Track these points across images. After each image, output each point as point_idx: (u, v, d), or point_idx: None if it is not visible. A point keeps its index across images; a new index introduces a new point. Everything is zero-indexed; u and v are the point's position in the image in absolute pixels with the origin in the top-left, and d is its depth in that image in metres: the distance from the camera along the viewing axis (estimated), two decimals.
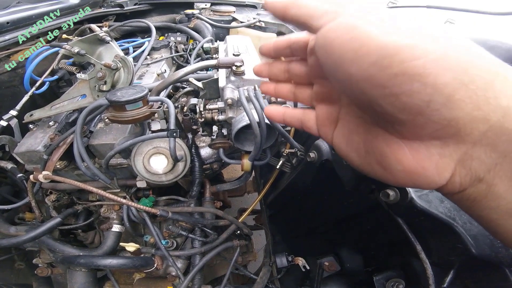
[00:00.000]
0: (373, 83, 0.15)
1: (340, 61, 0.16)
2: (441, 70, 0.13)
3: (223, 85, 0.52)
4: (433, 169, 0.15)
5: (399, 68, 0.14)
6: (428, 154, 0.15)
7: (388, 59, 0.14)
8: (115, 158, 0.59)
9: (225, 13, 1.13)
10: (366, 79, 0.15)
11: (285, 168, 0.62)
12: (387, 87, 0.14)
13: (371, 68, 0.14)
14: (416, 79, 0.13)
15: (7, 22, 0.74)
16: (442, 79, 0.13)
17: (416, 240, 0.37)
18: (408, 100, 0.14)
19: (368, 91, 0.15)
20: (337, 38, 0.16)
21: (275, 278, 0.75)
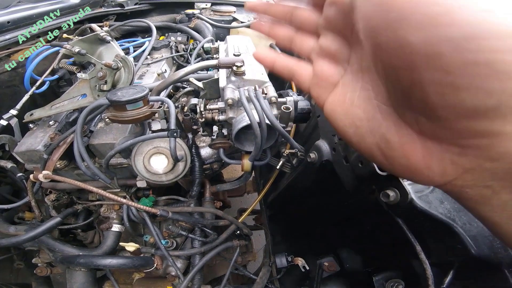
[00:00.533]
0: (436, 63, 0.11)
1: (398, 23, 0.12)
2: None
3: (223, 85, 0.52)
4: (438, 171, 0.14)
5: (485, 56, 0.10)
6: (440, 157, 0.13)
7: (476, 42, 0.10)
8: (115, 158, 0.59)
9: (226, 13, 1.13)
10: (428, 56, 0.11)
11: (285, 168, 0.62)
12: (453, 75, 0.11)
13: (445, 45, 0.11)
14: (498, 77, 0.10)
15: (8, 22, 0.74)
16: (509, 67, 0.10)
17: (416, 241, 0.37)
18: (468, 99, 0.11)
19: (421, 70, 0.12)
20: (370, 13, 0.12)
21: (274, 278, 0.75)
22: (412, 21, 0.11)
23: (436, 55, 0.11)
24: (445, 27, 0.11)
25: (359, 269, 0.62)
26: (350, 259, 0.64)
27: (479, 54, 0.11)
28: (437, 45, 0.11)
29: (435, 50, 0.11)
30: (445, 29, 0.11)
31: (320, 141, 0.51)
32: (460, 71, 0.11)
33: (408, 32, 0.12)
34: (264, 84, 0.53)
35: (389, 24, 0.12)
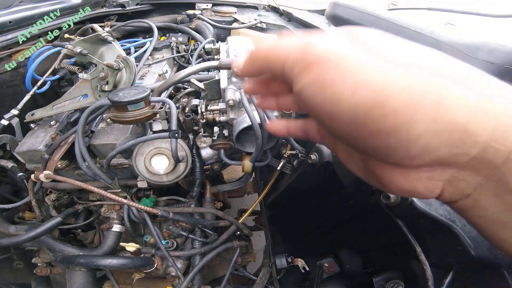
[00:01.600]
0: (352, 137, 0.16)
1: (319, 116, 0.16)
2: (412, 124, 0.13)
3: (224, 86, 0.53)
4: (423, 189, 0.16)
5: (372, 127, 0.14)
6: (418, 177, 0.16)
7: (360, 120, 0.14)
8: (116, 158, 0.59)
9: (227, 14, 1.14)
10: (345, 135, 0.16)
11: (286, 169, 0.63)
12: (366, 141, 0.15)
13: (347, 127, 0.15)
14: (390, 135, 0.14)
15: (10, 22, 0.74)
16: (414, 133, 0.13)
17: (416, 242, 0.38)
18: (389, 151, 0.15)
19: (351, 143, 0.16)
20: (312, 99, 0.16)
21: (274, 279, 0.75)
22: (324, 116, 0.16)
23: (349, 133, 0.16)
24: (340, 117, 0.15)
25: (359, 270, 0.62)
26: (350, 260, 0.64)
27: (367, 127, 0.14)
28: (345, 128, 0.16)
29: (346, 130, 0.16)
30: (341, 119, 0.15)
31: None
32: (368, 139, 0.15)
33: (327, 121, 0.16)
34: None
35: (314, 115, 0.17)
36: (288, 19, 1.15)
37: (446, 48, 0.60)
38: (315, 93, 0.16)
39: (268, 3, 1.27)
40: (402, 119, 0.13)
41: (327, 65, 0.15)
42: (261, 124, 0.47)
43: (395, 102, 0.13)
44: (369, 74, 0.14)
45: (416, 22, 0.69)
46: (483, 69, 0.14)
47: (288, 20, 1.14)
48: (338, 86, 0.15)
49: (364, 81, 0.14)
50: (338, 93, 0.15)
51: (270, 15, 1.19)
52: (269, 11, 1.27)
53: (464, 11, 0.77)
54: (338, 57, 0.15)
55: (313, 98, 0.16)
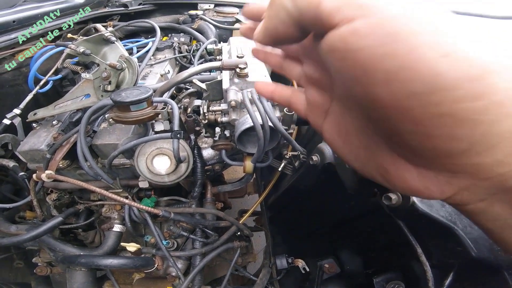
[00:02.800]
0: (406, 116, 0.12)
1: (365, 79, 0.12)
2: (502, 117, 0.11)
3: (226, 87, 0.53)
4: (437, 191, 0.14)
5: (449, 108, 0.11)
6: (436, 180, 0.14)
7: (438, 95, 0.11)
8: (118, 158, 0.59)
9: (229, 15, 1.14)
10: (398, 109, 0.12)
11: (287, 170, 0.63)
12: (424, 126, 0.12)
13: (411, 99, 0.11)
14: (465, 125, 0.11)
15: (13, 21, 0.75)
16: (497, 128, 0.11)
17: (417, 243, 0.38)
18: (443, 145, 0.12)
19: (395, 123, 0.12)
20: (364, 49, 0.11)
21: (274, 280, 0.75)
22: (377, 77, 0.12)
23: (405, 109, 0.12)
24: (407, 82, 0.11)
25: (360, 271, 0.63)
26: (351, 261, 0.64)
27: (442, 106, 0.11)
28: (404, 100, 0.11)
29: (403, 104, 0.12)
30: (408, 85, 0.11)
31: (322, 143, 0.51)
32: (429, 122, 0.11)
33: (376, 88, 0.12)
34: None
35: (357, 80, 0.13)
36: None
37: None
38: (377, 42, 0.11)
39: None
40: (496, 108, 0.10)
41: (403, 10, 0.11)
42: (263, 125, 0.47)
43: (500, 83, 0.10)
44: (468, 44, 0.11)
45: None
46: None
47: None
48: (421, 42, 0.11)
49: (461, 47, 0.10)
50: (420, 50, 0.10)
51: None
52: None
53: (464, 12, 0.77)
54: (423, 8, 0.11)
55: (368, 49, 0.11)
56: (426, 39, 0.11)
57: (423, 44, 0.11)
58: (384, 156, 0.15)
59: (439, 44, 0.11)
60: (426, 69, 0.11)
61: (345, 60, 0.13)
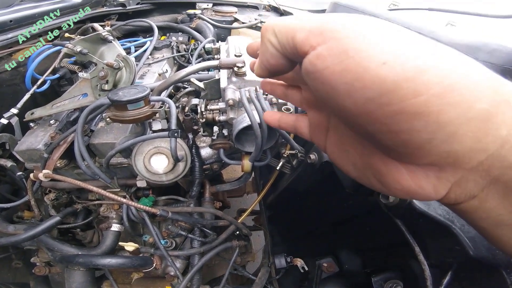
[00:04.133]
0: (370, 119, 0.14)
1: (333, 93, 0.14)
2: (445, 107, 0.12)
3: (224, 85, 0.53)
4: (430, 189, 0.15)
5: (398, 106, 0.13)
6: (426, 176, 0.15)
7: (386, 96, 0.13)
8: (115, 157, 0.59)
9: (227, 14, 1.14)
10: (362, 114, 0.14)
11: (285, 169, 0.63)
12: (386, 124, 0.13)
13: (368, 104, 0.13)
14: (417, 117, 0.12)
15: (10, 21, 0.74)
16: (446, 117, 0.12)
17: (415, 242, 0.38)
18: (409, 138, 0.13)
19: (364, 126, 0.14)
20: (327, 68, 0.14)
21: (273, 279, 0.75)
22: (340, 90, 0.14)
23: (367, 113, 0.14)
24: (361, 90, 0.13)
25: (358, 270, 0.63)
26: (349, 260, 0.64)
27: (393, 105, 0.13)
28: (364, 106, 0.13)
29: (365, 109, 0.14)
30: (363, 94, 0.13)
31: None
32: (389, 120, 0.13)
33: (342, 99, 0.14)
34: None
35: (328, 95, 0.15)
36: None
37: None
38: (334, 62, 0.14)
39: (269, 3, 1.28)
40: (435, 100, 0.12)
41: (351, 34, 0.13)
42: (261, 123, 0.47)
43: (431, 79, 0.12)
44: (401, 48, 0.13)
45: (416, 22, 0.69)
46: None
47: None
48: (364, 56, 0.13)
49: (396, 53, 0.13)
50: (365, 63, 0.13)
51: (270, 15, 1.19)
52: (270, 11, 1.27)
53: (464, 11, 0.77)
54: (364, 29, 0.13)
55: (330, 68, 0.14)
56: (369, 52, 0.13)
57: (366, 57, 0.13)
58: (376, 159, 0.17)
59: (379, 54, 0.13)
60: (371, 77, 0.13)
61: (316, 80, 0.15)
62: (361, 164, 0.19)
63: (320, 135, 0.22)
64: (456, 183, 0.15)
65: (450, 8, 0.80)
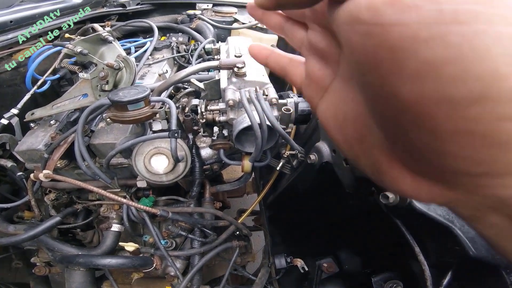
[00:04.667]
0: (426, 125, 0.09)
1: (389, 67, 0.09)
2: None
3: (224, 86, 0.53)
4: (428, 198, 0.13)
5: (489, 126, 0.08)
6: (429, 189, 0.13)
7: (478, 108, 0.08)
8: (115, 158, 0.59)
9: (227, 14, 1.14)
10: (418, 115, 0.09)
11: (285, 169, 0.63)
12: (442, 141, 0.09)
13: (442, 106, 0.09)
14: (495, 148, 0.08)
15: (10, 21, 0.74)
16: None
17: (415, 242, 0.38)
18: (454, 165, 0.10)
19: (407, 128, 0.10)
20: (405, 26, 0.08)
21: (273, 279, 0.75)
22: (407, 68, 0.09)
23: (427, 117, 0.09)
24: (447, 82, 0.08)
25: (358, 270, 0.63)
26: (349, 260, 0.64)
27: (478, 123, 0.08)
28: (431, 106, 0.09)
29: (428, 111, 0.09)
30: (447, 86, 0.08)
31: (320, 142, 0.51)
32: (451, 138, 0.09)
33: (400, 82, 0.09)
34: (265, 85, 0.54)
35: (377, 65, 0.10)
36: None
37: None
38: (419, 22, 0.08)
39: None
40: (506, 124, 0.08)
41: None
42: (261, 124, 0.47)
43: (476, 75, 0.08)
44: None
45: None
46: None
47: None
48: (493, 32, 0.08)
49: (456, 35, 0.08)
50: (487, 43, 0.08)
51: None
52: None
53: None
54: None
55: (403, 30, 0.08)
56: (500, 28, 0.08)
57: (495, 36, 0.08)
58: (380, 154, 0.14)
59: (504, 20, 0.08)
60: (486, 68, 0.08)
61: (370, 37, 0.09)
62: (359, 149, 0.15)
63: (315, 91, 0.18)
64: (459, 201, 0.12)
65: None
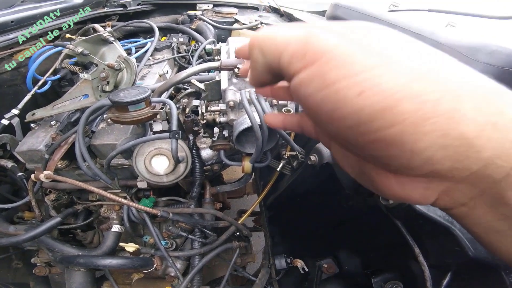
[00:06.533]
0: (351, 143, 0.15)
1: (317, 115, 0.15)
2: (420, 136, 0.12)
3: (225, 87, 0.53)
4: (418, 197, 0.16)
5: (375, 135, 0.13)
6: (413, 187, 0.16)
7: (363, 126, 0.13)
8: (116, 159, 0.59)
9: (227, 15, 1.14)
10: (344, 140, 0.15)
11: (286, 170, 0.63)
12: (367, 150, 0.14)
13: (348, 131, 0.14)
14: (393, 146, 0.13)
15: (12, 21, 0.74)
16: (421, 145, 0.13)
17: (415, 243, 0.38)
18: (388, 161, 0.14)
19: (348, 146, 0.16)
20: (309, 96, 0.15)
21: (273, 280, 0.75)
22: (323, 117, 0.15)
23: (348, 139, 0.15)
24: (341, 120, 0.14)
25: (358, 271, 0.63)
26: (349, 261, 0.64)
27: (370, 135, 0.13)
28: (344, 133, 0.14)
29: (346, 135, 0.15)
30: (342, 122, 0.14)
31: (320, 144, 0.51)
32: (369, 147, 0.14)
33: (325, 124, 0.15)
34: None
35: (313, 118, 0.16)
36: (289, 20, 1.15)
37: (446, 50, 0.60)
38: (315, 90, 0.14)
39: (269, 4, 1.28)
40: (410, 129, 0.12)
41: (331, 61, 0.14)
42: (261, 125, 0.47)
43: (406, 109, 0.12)
44: (379, 76, 0.13)
45: (416, 24, 0.69)
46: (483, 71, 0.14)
47: (289, 21, 1.15)
48: (342, 86, 0.13)
49: (373, 82, 0.13)
50: (342, 93, 0.13)
51: (270, 16, 1.19)
52: (270, 12, 1.28)
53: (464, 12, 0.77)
54: (345, 54, 0.13)
55: (311, 96, 0.14)
56: (347, 81, 0.13)
57: (345, 87, 0.13)
58: (368, 167, 0.18)
59: (356, 84, 0.13)
60: (349, 107, 0.13)
61: (301, 102, 0.16)
62: (359, 170, 0.19)
63: (326, 137, 0.23)
64: (443, 192, 0.15)
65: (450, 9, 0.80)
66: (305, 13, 1.18)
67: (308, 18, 1.06)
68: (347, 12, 0.87)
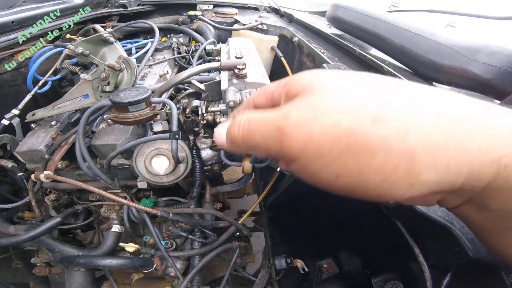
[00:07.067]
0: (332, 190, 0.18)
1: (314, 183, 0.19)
2: (393, 191, 0.16)
3: (225, 87, 0.53)
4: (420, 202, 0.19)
5: (367, 195, 0.17)
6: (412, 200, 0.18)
7: (349, 192, 0.17)
8: (116, 159, 0.59)
9: (228, 15, 1.14)
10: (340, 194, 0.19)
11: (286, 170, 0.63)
12: (359, 197, 0.18)
13: (341, 193, 0.18)
14: (379, 197, 0.17)
15: (12, 22, 0.75)
16: (398, 193, 0.16)
17: (415, 243, 0.38)
18: (379, 201, 0.17)
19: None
20: (304, 178, 0.19)
21: (273, 280, 0.75)
22: (316, 185, 0.19)
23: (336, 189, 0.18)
24: (336, 191, 0.18)
25: (358, 271, 0.63)
26: (349, 261, 0.64)
27: (363, 195, 0.17)
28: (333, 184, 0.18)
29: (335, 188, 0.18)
30: (338, 192, 0.18)
31: None
32: (367, 198, 0.17)
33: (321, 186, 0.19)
34: None
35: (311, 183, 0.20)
36: (289, 21, 1.16)
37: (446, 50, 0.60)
38: (305, 177, 0.18)
39: (269, 4, 1.28)
40: (383, 190, 0.16)
41: (307, 160, 0.17)
42: None
43: (374, 183, 0.16)
44: (346, 163, 0.16)
45: (416, 24, 0.69)
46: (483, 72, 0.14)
47: (289, 22, 1.15)
48: (322, 176, 0.17)
49: (343, 169, 0.16)
50: (324, 180, 0.17)
51: (271, 17, 1.19)
52: (270, 12, 1.28)
53: (465, 13, 0.77)
54: (315, 152, 0.17)
55: (305, 178, 0.19)
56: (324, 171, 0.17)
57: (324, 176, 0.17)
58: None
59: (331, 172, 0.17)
60: (335, 186, 0.18)
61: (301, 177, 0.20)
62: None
63: None
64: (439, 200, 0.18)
65: (450, 9, 0.80)
66: (305, 14, 1.18)
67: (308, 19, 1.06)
68: (347, 12, 0.87)
